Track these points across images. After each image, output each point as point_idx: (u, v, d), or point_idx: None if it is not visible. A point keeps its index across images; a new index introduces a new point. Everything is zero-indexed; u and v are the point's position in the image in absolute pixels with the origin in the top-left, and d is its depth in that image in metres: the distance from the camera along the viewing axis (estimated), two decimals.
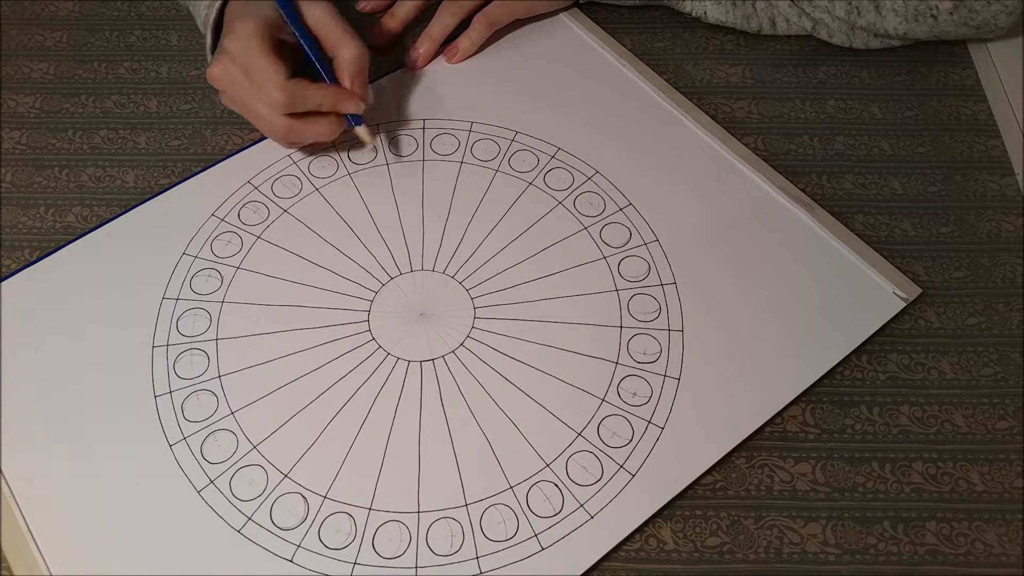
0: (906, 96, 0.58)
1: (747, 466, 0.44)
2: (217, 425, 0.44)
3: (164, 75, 0.59)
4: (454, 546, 0.41)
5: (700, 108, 0.56)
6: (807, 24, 0.58)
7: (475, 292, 0.49)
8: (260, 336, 0.47)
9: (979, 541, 0.42)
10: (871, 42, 0.58)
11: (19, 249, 0.51)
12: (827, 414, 0.46)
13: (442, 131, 0.55)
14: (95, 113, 0.57)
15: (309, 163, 0.54)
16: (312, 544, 0.41)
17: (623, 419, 0.44)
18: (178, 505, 0.42)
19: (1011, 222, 0.52)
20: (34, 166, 0.55)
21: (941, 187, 0.54)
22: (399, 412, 0.44)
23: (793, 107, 0.58)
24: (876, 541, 0.42)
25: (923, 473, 0.44)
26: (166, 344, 0.47)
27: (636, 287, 0.49)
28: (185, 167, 0.55)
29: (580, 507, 0.42)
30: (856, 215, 0.53)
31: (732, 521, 0.43)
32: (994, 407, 0.46)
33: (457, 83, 0.57)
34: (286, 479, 0.43)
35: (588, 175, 0.53)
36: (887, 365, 0.47)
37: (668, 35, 0.61)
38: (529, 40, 0.59)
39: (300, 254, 0.50)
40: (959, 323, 0.49)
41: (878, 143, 0.56)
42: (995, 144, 0.56)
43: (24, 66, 0.60)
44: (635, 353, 0.46)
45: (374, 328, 0.47)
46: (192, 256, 0.50)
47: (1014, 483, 0.44)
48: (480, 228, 0.51)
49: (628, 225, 0.51)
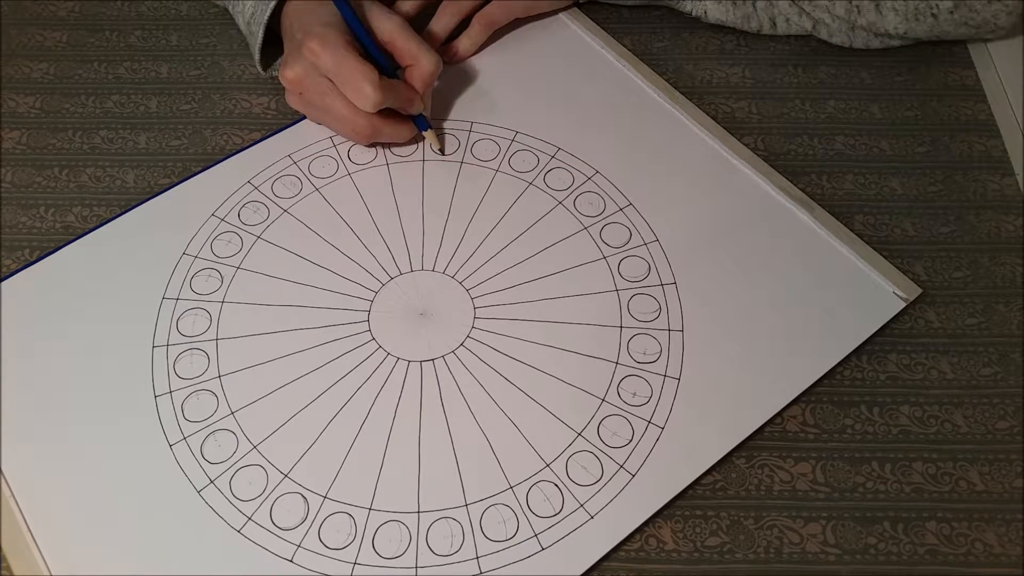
0: (906, 96, 0.58)
1: (747, 466, 0.44)
2: (217, 425, 0.44)
3: (164, 75, 0.59)
4: (454, 546, 0.41)
5: (700, 108, 0.56)
6: (807, 24, 0.58)
7: (475, 292, 0.49)
8: (260, 336, 0.47)
9: (979, 541, 0.42)
10: (871, 42, 0.58)
11: (19, 249, 0.51)
12: (827, 414, 0.46)
13: (442, 131, 0.55)
14: (95, 113, 0.57)
15: (309, 163, 0.54)
16: (312, 544, 0.41)
17: (623, 419, 0.44)
18: (178, 505, 0.42)
19: (1011, 222, 0.52)
20: (34, 166, 0.55)
21: (941, 187, 0.54)
22: (399, 412, 0.44)
23: (793, 107, 0.58)
24: (876, 541, 0.42)
25: (923, 473, 0.44)
26: (166, 344, 0.47)
27: (636, 287, 0.49)
28: (185, 167, 0.55)
29: (580, 507, 0.42)
30: (856, 215, 0.53)
31: (732, 521, 0.43)
32: (994, 407, 0.46)
33: (457, 83, 0.57)
34: (286, 479, 0.43)
35: (588, 175, 0.53)
36: (887, 365, 0.47)
37: (668, 35, 0.61)
38: (529, 40, 0.60)
39: (300, 254, 0.50)
40: (959, 323, 0.49)
41: (878, 143, 0.56)
42: (995, 144, 0.56)
43: (24, 66, 0.60)
44: (635, 353, 0.46)
45: (374, 328, 0.47)
46: (192, 256, 0.50)
47: (1014, 483, 0.44)
48: (480, 228, 0.51)
49: (628, 225, 0.51)
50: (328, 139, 0.55)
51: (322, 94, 0.50)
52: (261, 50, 0.54)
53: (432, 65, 0.51)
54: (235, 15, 0.56)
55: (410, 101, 0.51)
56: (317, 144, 0.55)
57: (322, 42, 0.48)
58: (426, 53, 0.51)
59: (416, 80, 0.51)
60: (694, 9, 0.59)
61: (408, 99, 0.51)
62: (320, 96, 0.50)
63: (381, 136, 0.52)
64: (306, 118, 0.55)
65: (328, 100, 0.50)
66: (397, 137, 0.53)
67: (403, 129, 0.53)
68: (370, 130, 0.51)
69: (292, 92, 0.52)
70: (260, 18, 0.53)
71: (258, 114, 0.57)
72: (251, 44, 0.54)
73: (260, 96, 0.58)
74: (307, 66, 0.49)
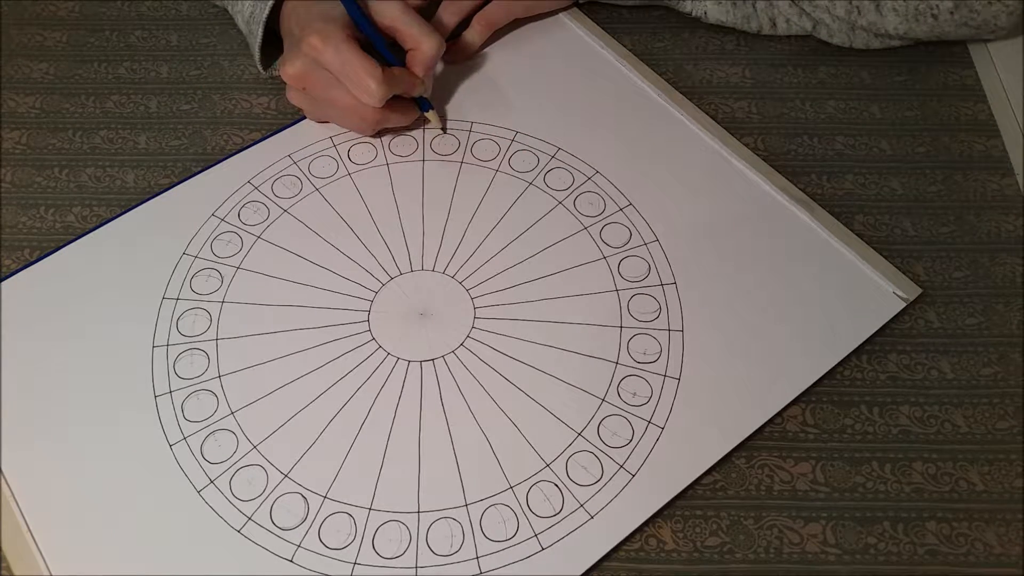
0: (906, 96, 0.58)
1: (747, 466, 0.44)
2: (217, 425, 0.44)
3: (164, 75, 0.59)
4: (454, 546, 0.41)
5: (700, 108, 0.56)
6: (807, 24, 0.58)
7: (475, 292, 0.49)
8: (260, 336, 0.47)
9: (979, 541, 0.42)
10: (871, 42, 0.58)
11: (19, 249, 0.51)
12: (827, 414, 0.46)
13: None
14: (95, 113, 0.57)
15: (309, 163, 0.54)
16: (312, 544, 0.41)
17: (623, 419, 0.44)
18: (178, 505, 0.42)
19: (1011, 222, 0.52)
20: (34, 166, 0.55)
21: (941, 187, 0.54)
22: (399, 412, 0.44)
23: (793, 107, 0.58)
24: (876, 541, 0.42)
25: (923, 473, 0.44)
26: (166, 344, 0.47)
27: (636, 287, 0.49)
28: (185, 167, 0.55)
29: (580, 507, 0.42)
30: (856, 215, 0.53)
31: (732, 521, 0.43)
32: (994, 407, 0.46)
33: (457, 83, 0.57)
34: (286, 479, 0.43)
35: (588, 175, 0.53)
36: (887, 365, 0.47)
37: (668, 35, 0.61)
38: (529, 40, 0.59)
39: (300, 254, 0.50)
40: (959, 323, 0.49)
41: (878, 143, 0.56)
42: (995, 144, 0.56)
43: (24, 66, 0.60)
44: (635, 353, 0.46)
45: (374, 328, 0.47)
46: (192, 256, 0.50)
47: (1014, 483, 0.44)
48: (480, 228, 0.51)
49: (628, 225, 0.51)
50: (328, 139, 0.55)
51: (326, 86, 0.50)
52: (261, 49, 0.54)
53: (434, 49, 0.51)
54: (234, 15, 0.56)
55: (412, 85, 0.52)
56: (317, 144, 0.55)
57: (323, 38, 0.48)
58: (428, 36, 0.51)
59: (418, 64, 0.51)
60: (694, 9, 0.59)
61: (411, 84, 0.51)
62: (324, 88, 0.50)
63: (388, 123, 0.53)
64: (306, 118, 0.55)
65: (333, 92, 0.50)
66: (403, 121, 0.53)
67: (408, 113, 0.53)
68: (378, 117, 0.51)
69: (294, 88, 0.52)
70: (259, 17, 0.53)
71: (258, 114, 0.57)
72: (250, 43, 0.54)
73: (260, 96, 0.58)
74: (308, 62, 0.49)
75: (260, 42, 0.53)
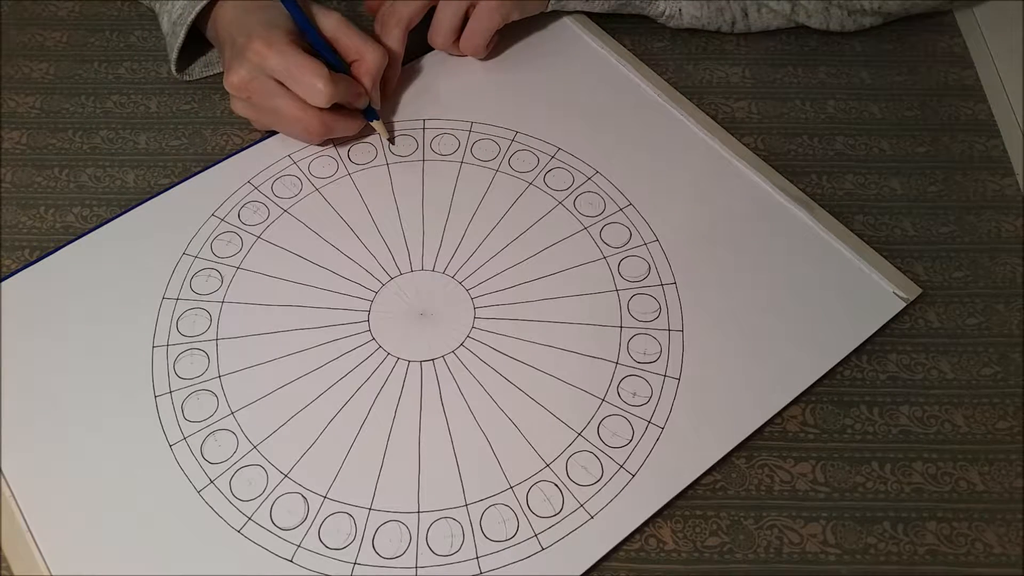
0: (906, 96, 0.58)
1: (747, 466, 0.44)
2: (217, 425, 0.44)
3: (164, 75, 0.59)
4: (454, 546, 0.41)
5: (700, 108, 0.56)
6: (786, 7, 0.58)
7: (475, 292, 0.49)
8: (260, 336, 0.47)
9: (979, 541, 0.42)
10: (846, 22, 0.57)
11: (19, 249, 0.51)
12: (827, 414, 0.46)
13: (442, 131, 0.55)
14: (95, 113, 0.57)
15: (309, 163, 0.54)
16: (312, 544, 0.41)
17: (623, 419, 0.44)
18: (178, 505, 0.42)
19: (1011, 222, 0.52)
20: (34, 166, 0.55)
21: (941, 187, 0.54)
22: (399, 412, 0.44)
23: (793, 107, 0.58)
24: (876, 541, 0.42)
25: (923, 473, 0.44)
26: (166, 344, 0.47)
27: (636, 287, 0.49)
28: (185, 167, 0.55)
29: (580, 507, 0.42)
30: (856, 215, 0.53)
31: (732, 521, 0.43)
32: (994, 407, 0.46)
33: (457, 83, 0.57)
34: (286, 479, 0.43)
35: (588, 175, 0.53)
36: (887, 365, 0.47)
37: (668, 35, 0.61)
38: (529, 40, 0.59)
39: (300, 254, 0.50)
40: (959, 323, 0.49)
41: (878, 143, 0.56)
42: (995, 144, 0.56)
43: (24, 66, 0.60)
44: (635, 353, 0.46)
45: (374, 328, 0.47)
46: (192, 256, 0.50)
47: (1014, 483, 0.44)
48: (480, 228, 0.51)
49: (628, 225, 0.51)
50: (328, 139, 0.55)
51: (270, 95, 0.49)
52: (179, 51, 0.54)
53: (378, 59, 0.51)
54: (160, 15, 0.55)
55: (358, 95, 0.51)
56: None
57: (267, 42, 0.47)
58: (371, 47, 0.51)
59: (363, 75, 0.51)
60: (667, 9, 0.58)
61: (356, 93, 0.51)
62: (268, 98, 0.49)
63: (333, 132, 0.52)
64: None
65: (277, 101, 0.49)
66: (349, 131, 0.53)
67: (353, 123, 0.53)
68: (322, 128, 0.51)
69: (238, 98, 0.51)
70: (186, 18, 0.52)
71: None
72: (170, 45, 0.54)
73: None
74: (252, 68, 0.48)
75: (181, 44, 0.53)
